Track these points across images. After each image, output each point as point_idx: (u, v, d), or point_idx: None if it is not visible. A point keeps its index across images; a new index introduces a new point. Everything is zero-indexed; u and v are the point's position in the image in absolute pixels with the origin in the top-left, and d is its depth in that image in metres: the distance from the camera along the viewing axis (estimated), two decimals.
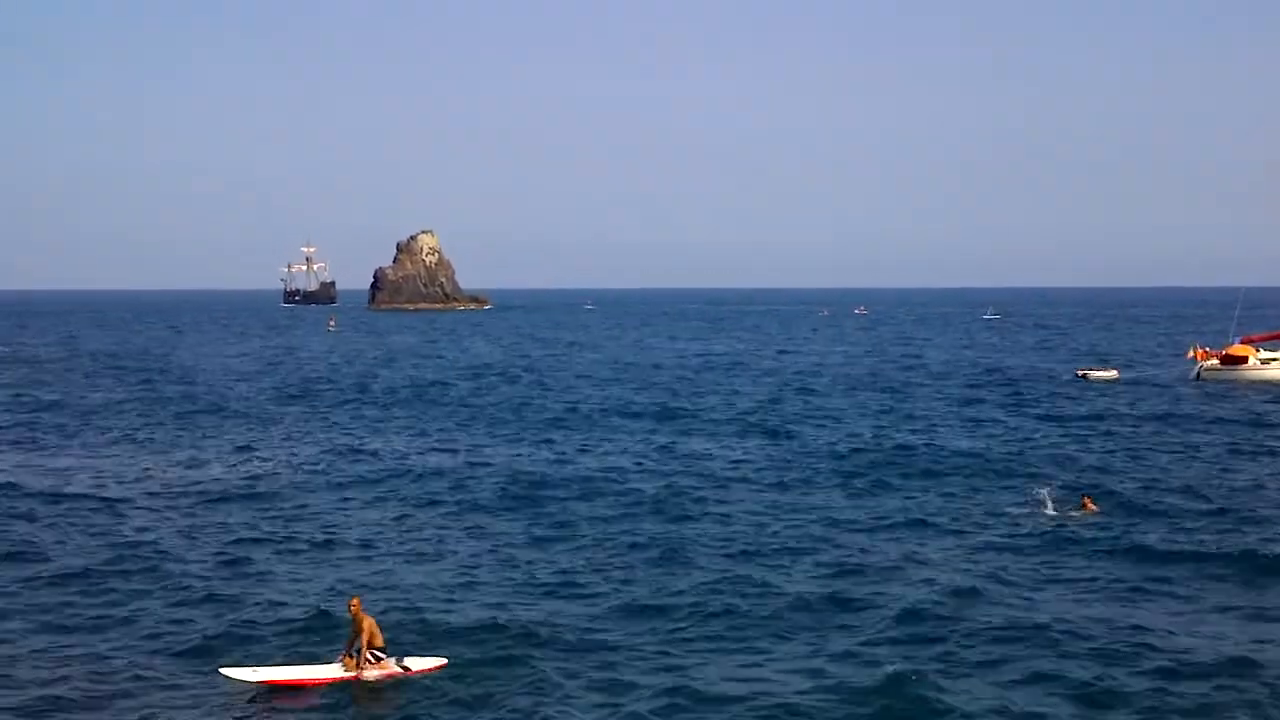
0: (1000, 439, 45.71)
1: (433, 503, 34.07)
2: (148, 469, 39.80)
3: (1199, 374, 68.38)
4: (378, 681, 19.19)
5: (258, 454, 43.21)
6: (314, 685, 19.10)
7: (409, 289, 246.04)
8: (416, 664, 19.66)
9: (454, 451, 43.78)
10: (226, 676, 18.88)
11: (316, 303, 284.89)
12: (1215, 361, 68.60)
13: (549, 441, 46.23)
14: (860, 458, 41.27)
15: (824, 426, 49.92)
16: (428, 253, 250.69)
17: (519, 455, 42.65)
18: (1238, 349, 69.20)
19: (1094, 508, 30.74)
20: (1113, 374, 70.85)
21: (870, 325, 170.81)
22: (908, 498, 34.12)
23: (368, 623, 19.43)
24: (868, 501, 33.73)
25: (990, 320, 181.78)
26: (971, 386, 67.85)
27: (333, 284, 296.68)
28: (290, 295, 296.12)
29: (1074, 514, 30.30)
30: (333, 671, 19.36)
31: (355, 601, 19.79)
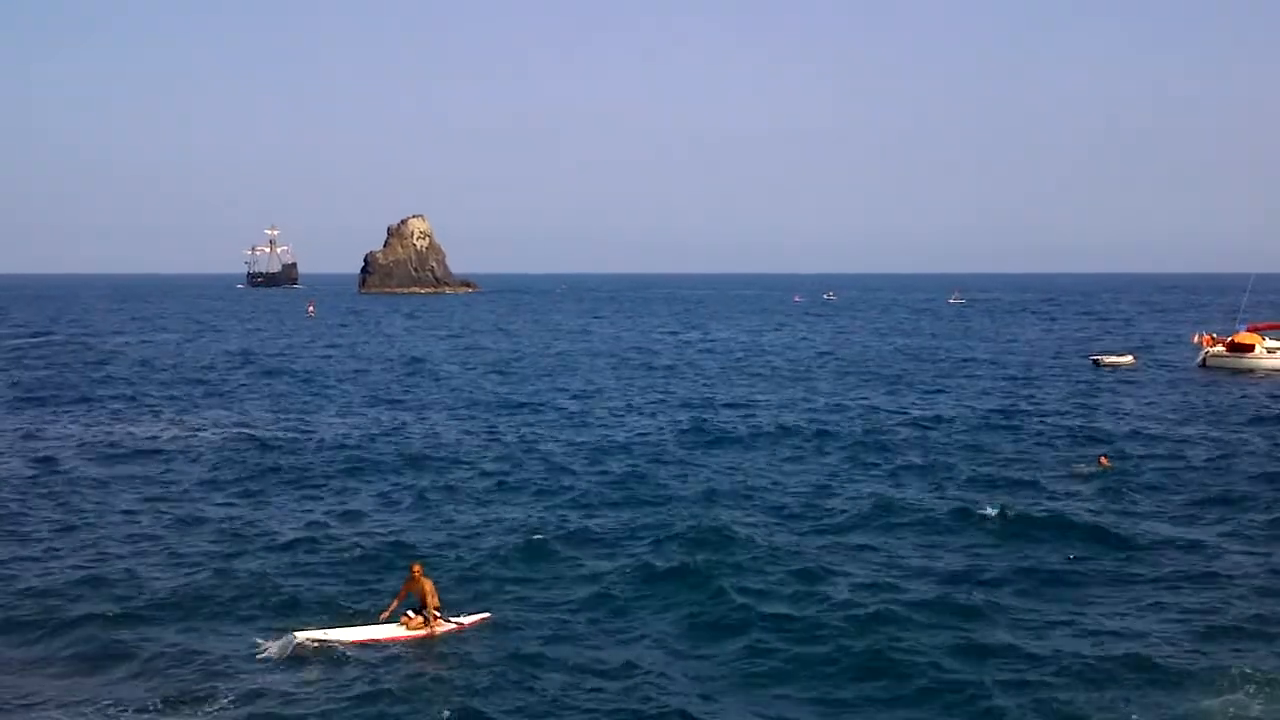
0: (1021, 414, 46.79)
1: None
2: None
3: (1204, 360, 68.47)
4: (439, 637, 19.45)
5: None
6: (386, 643, 19.16)
7: (399, 273, 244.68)
8: (468, 619, 20.11)
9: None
10: (298, 640, 18.79)
11: (278, 285, 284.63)
12: (1221, 348, 68.66)
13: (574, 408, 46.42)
14: (880, 432, 41.70)
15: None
16: (418, 237, 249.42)
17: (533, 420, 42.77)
18: (1244, 336, 68.98)
19: (1108, 464, 35.48)
20: (1128, 359, 70.51)
21: (835, 312, 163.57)
22: (951, 460, 36.93)
23: (429, 585, 19.78)
24: (913, 471, 34.80)
25: (957, 304, 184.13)
26: (977, 374, 67.95)
27: (294, 265, 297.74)
28: (253, 278, 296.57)
29: (1094, 469, 35.18)
30: (400, 630, 19.52)
31: (417, 566, 20.21)
